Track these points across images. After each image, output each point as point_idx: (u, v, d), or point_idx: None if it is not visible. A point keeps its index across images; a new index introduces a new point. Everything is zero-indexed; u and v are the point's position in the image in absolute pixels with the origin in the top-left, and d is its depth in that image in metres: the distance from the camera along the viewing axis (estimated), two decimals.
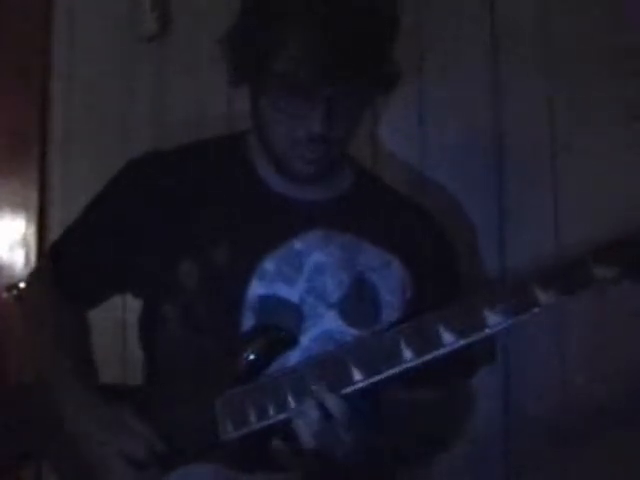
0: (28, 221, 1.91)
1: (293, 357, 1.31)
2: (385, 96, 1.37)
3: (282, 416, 1.23)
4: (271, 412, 1.23)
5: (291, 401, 1.22)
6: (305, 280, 1.35)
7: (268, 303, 1.33)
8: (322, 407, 1.20)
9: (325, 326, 1.34)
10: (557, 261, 1.18)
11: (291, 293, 1.34)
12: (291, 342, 1.32)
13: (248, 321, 1.33)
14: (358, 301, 1.36)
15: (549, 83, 1.71)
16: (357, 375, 1.21)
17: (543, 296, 1.17)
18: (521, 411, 1.68)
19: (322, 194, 1.40)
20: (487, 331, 1.18)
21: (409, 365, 1.20)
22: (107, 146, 1.87)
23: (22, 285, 1.76)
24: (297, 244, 1.36)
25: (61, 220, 1.81)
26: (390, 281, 1.39)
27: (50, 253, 1.49)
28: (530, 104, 1.71)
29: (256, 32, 1.27)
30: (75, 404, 1.31)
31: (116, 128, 1.89)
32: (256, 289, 1.33)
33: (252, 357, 1.28)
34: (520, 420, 1.68)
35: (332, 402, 1.20)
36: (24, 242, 1.91)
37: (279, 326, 1.32)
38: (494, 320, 1.18)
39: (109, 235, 1.41)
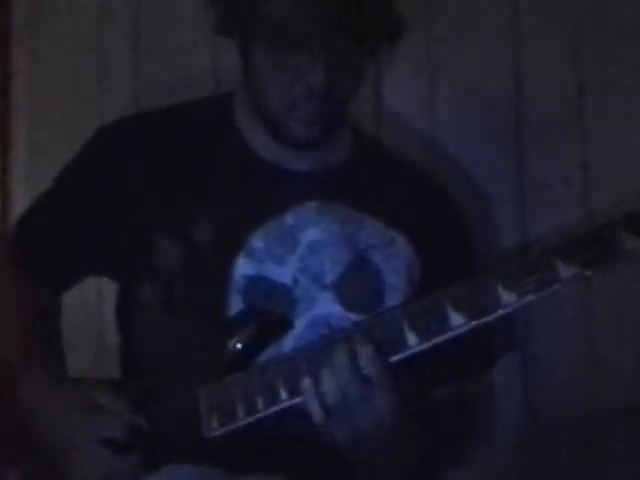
0: None
1: (285, 344, 1.32)
2: (390, 47, 1.38)
3: (272, 409, 1.23)
4: (260, 405, 1.23)
5: (283, 392, 1.22)
6: (298, 259, 1.36)
7: (256, 284, 1.34)
8: (355, 360, 1.18)
9: (320, 310, 1.35)
10: (583, 231, 1.15)
11: (282, 273, 1.35)
12: (284, 327, 1.33)
13: (235, 304, 1.34)
14: (358, 283, 1.37)
15: (573, 39, 1.71)
16: None
17: (565, 270, 1.12)
18: (542, 403, 1.70)
19: (318, 162, 1.40)
20: (501, 311, 1.15)
21: (413, 351, 1.18)
22: (79, 111, 1.88)
23: None
24: (289, 218, 1.37)
25: (26, 195, 1.82)
26: (394, 260, 1.39)
27: (14, 230, 1.50)
28: (554, 61, 1.72)
29: None
30: (41, 393, 1.32)
31: (89, 91, 1.90)
32: (243, 269, 1.34)
33: (240, 344, 1.28)
34: (540, 415, 1.69)
35: (367, 354, 1.18)
36: None
37: (270, 309, 1.33)
38: (509, 299, 1.14)
39: (79, 210, 1.42)
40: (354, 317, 1.35)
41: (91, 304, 1.79)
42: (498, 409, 1.68)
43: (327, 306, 1.36)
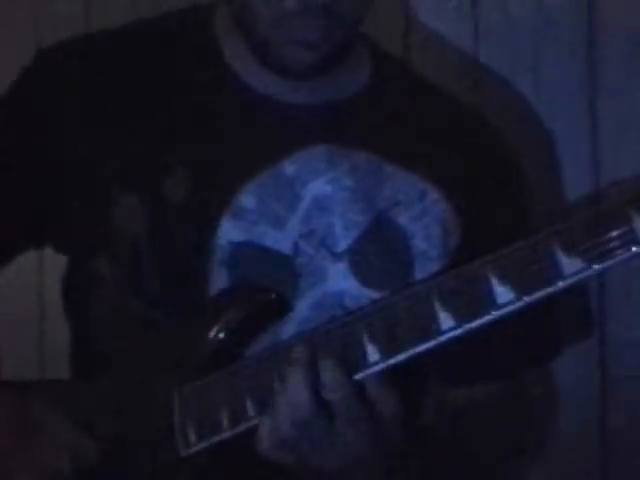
0: None
1: (284, 332, 1.31)
2: None
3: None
4: (251, 412, 1.22)
5: None
6: (300, 220, 1.34)
7: (247, 254, 1.33)
8: (313, 385, 1.18)
9: (330, 287, 1.34)
10: None
11: (280, 239, 1.34)
12: (281, 309, 1.31)
13: (219, 280, 1.33)
14: (379, 250, 1.35)
15: None
16: (373, 354, 1.18)
17: None
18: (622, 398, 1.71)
19: (324, 95, 1.38)
20: (562, 283, 1.11)
21: (448, 337, 1.15)
22: (11, 35, 1.85)
23: None
24: (288, 167, 1.35)
25: None
26: (426, 221, 1.37)
27: None
28: None
29: None
30: None
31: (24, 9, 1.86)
32: (229, 234, 1.33)
33: (225, 332, 1.28)
34: (622, 414, 1.70)
35: (329, 374, 1.17)
36: None
37: (264, 286, 1.31)
38: (572, 267, 1.10)
39: (10, 161, 1.40)
40: (373, 294, 1.33)
41: (30, 283, 1.80)
42: (562, 416, 1.68)
43: (339, 281, 1.34)
